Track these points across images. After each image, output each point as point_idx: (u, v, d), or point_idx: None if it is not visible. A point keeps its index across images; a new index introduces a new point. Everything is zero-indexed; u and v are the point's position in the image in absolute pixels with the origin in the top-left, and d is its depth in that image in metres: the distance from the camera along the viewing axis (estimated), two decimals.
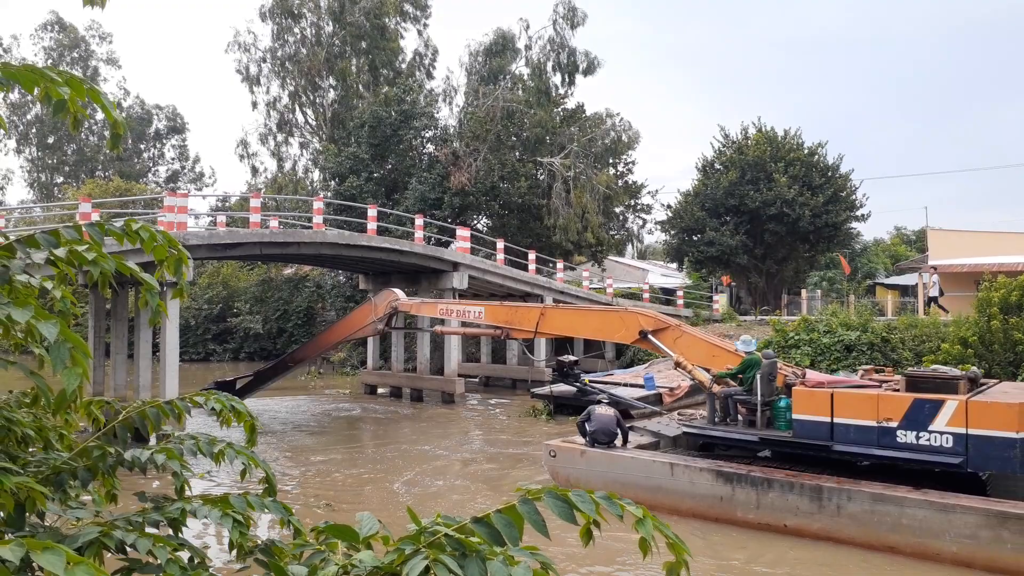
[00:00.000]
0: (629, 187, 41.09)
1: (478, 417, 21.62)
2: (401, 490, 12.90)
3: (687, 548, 1.97)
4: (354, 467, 14.90)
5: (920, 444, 9.42)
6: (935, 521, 8.82)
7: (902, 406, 9.61)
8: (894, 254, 53.87)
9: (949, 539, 8.72)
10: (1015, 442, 8.81)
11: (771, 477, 10.12)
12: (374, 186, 35.79)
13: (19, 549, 1.33)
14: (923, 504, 8.94)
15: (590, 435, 11.86)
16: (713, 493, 10.47)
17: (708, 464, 10.87)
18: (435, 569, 1.66)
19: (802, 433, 10.34)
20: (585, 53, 38.24)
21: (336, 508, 11.60)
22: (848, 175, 36.95)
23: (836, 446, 10.04)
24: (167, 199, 17.92)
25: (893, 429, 9.61)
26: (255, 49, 45.19)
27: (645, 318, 12.92)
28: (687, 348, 12.27)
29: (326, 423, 20.69)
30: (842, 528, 9.41)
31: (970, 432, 9.11)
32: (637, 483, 11.05)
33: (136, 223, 2.93)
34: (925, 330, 22.60)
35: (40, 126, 58.71)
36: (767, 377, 11.13)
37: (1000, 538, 8.42)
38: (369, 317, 17.90)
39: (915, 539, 8.94)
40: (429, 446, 16.90)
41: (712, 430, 11.72)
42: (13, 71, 2.72)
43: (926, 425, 9.40)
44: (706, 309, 34.57)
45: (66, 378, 2.12)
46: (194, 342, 39.86)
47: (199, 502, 2.61)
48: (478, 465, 15.03)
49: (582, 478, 11.62)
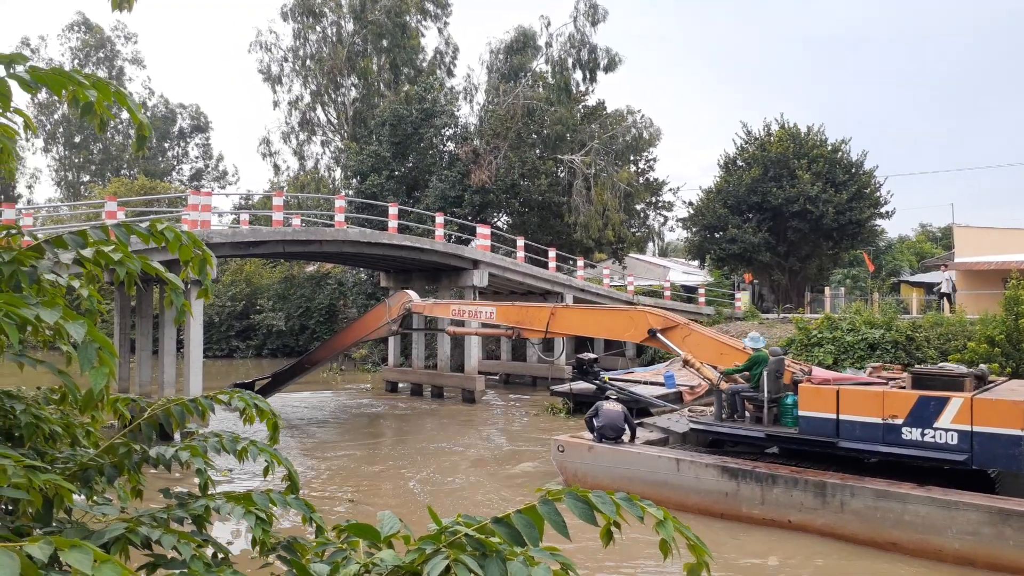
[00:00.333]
0: (650, 184, 40.91)
1: (498, 414, 21.65)
2: (418, 488, 12.96)
3: (708, 550, 1.96)
4: (375, 463, 14.98)
5: (925, 441, 9.47)
6: (938, 518, 8.84)
7: (908, 403, 9.65)
8: (919, 251, 53.18)
9: (951, 536, 8.74)
10: (1021, 439, 8.84)
11: (775, 473, 10.17)
12: (395, 184, 35.93)
13: (47, 547, 1.35)
14: (926, 501, 8.96)
15: (598, 431, 11.97)
16: (718, 489, 10.53)
17: (713, 460, 10.92)
18: (455, 569, 1.67)
19: (808, 430, 10.40)
20: (606, 50, 38.13)
21: (358, 504, 11.67)
22: (872, 172, 36.54)
23: (842, 443, 10.09)
24: (191, 197, 18.11)
25: (899, 426, 9.65)
26: (277, 49, 45.57)
27: (654, 317, 13.04)
28: (696, 346, 12.39)
29: (347, 419, 20.83)
30: (846, 524, 9.46)
31: (975, 429, 9.13)
32: (643, 478, 11.13)
33: (161, 223, 2.96)
34: (951, 328, 22.30)
35: (67, 126, 59.57)
36: (774, 374, 11.18)
37: (1002, 535, 8.43)
38: (383, 318, 18.19)
39: (918, 536, 8.98)
40: (448, 443, 16.95)
41: (719, 426, 11.78)
42: (41, 75, 2.76)
43: (931, 422, 9.44)
44: (728, 307, 34.33)
45: (93, 378, 2.15)
46: (218, 339, 40.27)
47: (223, 499, 2.64)
48: (496, 463, 15.05)
49: (589, 473, 11.75)
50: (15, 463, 1.98)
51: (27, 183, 63.98)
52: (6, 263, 2.57)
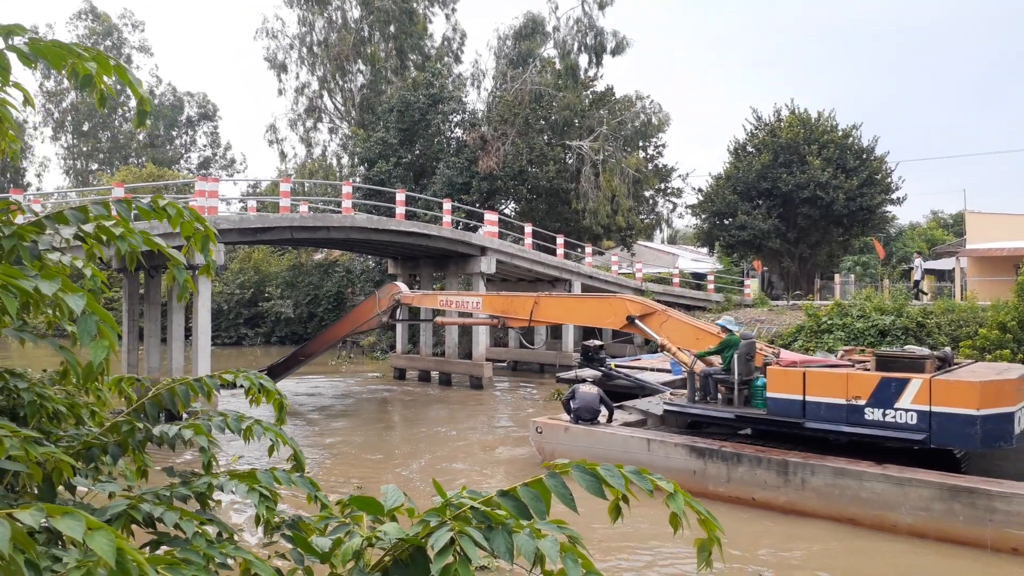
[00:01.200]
0: (659, 170, 40.68)
1: (505, 401, 21.66)
2: (420, 471, 12.98)
3: (719, 524, 1.92)
4: (380, 449, 15.02)
5: (886, 421, 9.74)
6: (892, 494, 9.22)
7: (870, 384, 9.91)
8: (930, 238, 52.79)
9: (905, 511, 9.12)
10: (976, 419, 9.12)
11: (741, 452, 10.53)
12: (402, 171, 35.85)
13: (38, 514, 1.32)
14: (881, 478, 9.32)
15: (574, 412, 12.41)
16: (687, 467, 10.88)
17: (682, 440, 11.33)
18: (460, 541, 1.63)
19: (775, 411, 10.67)
20: (613, 33, 37.84)
21: (364, 490, 11.70)
22: (883, 158, 36.20)
23: (808, 423, 10.36)
24: (198, 184, 18.11)
25: (861, 407, 9.92)
26: (283, 36, 45.45)
27: (632, 304, 13.50)
28: (673, 332, 12.82)
29: (355, 405, 20.87)
30: (806, 501, 9.80)
31: (933, 409, 9.40)
32: (616, 458, 11.25)
33: (163, 199, 2.93)
34: (962, 315, 22.13)
35: (75, 114, 59.69)
36: (744, 357, 11.43)
37: (952, 511, 8.80)
38: (374, 310, 18.51)
39: (873, 511, 9.34)
40: (455, 429, 16.97)
41: (691, 408, 12.08)
42: (41, 47, 2.72)
43: (892, 403, 9.70)
44: (737, 294, 34.18)
45: (93, 350, 2.12)
46: (226, 326, 40.39)
47: (226, 477, 2.61)
48: (503, 447, 15.06)
49: (565, 453, 12.12)
50: (11, 434, 1.94)
51: (36, 171, 64.27)
52: (6, 237, 2.54)
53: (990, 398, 9.19)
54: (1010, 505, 8.53)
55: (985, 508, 8.64)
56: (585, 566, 1.66)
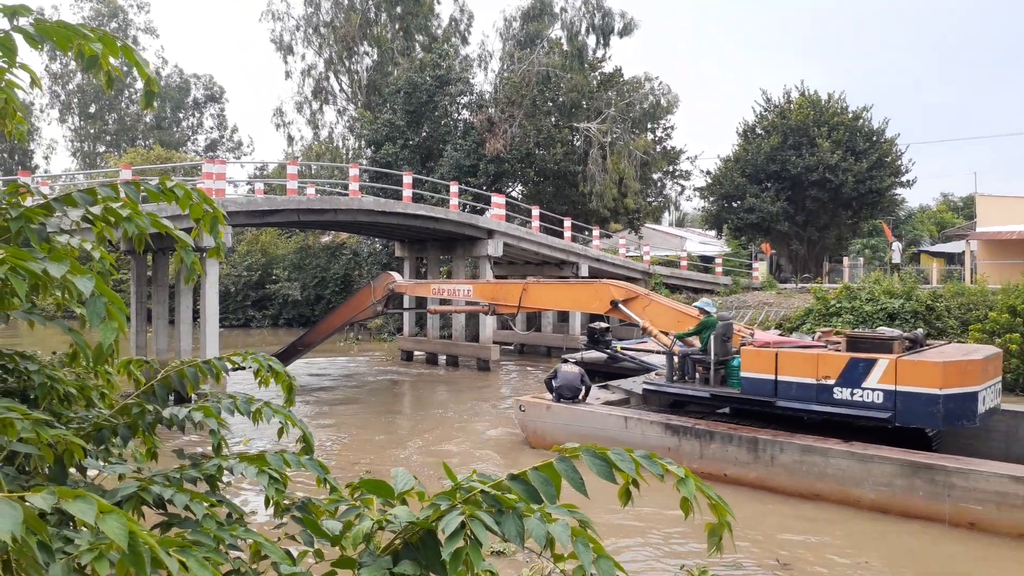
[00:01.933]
0: (667, 153, 40.44)
1: (511, 383, 21.70)
2: (421, 451, 13.04)
3: (730, 509, 1.91)
4: (387, 430, 15.08)
5: (854, 400, 10.01)
6: (856, 470, 9.54)
7: (839, 364, 10.19)
8: (940, 221, 52.44)
9: (868, 487, 9.44)
10: (938, 398, 9.38)
11: (713, 430, 10.87)
12: (409, 153, 35.73)
13: (51, 497, 1.32)
14: (846, 455, 9.64)
15: (556, 391, 12.86)
16: (662, 444, 11.17)
17: (658, 417, 11.73)
18: (471, 525, 1.63)
19: (749, 390, 10.99)
20: (621, 14, 37.50)
21: (373, 474, 11.74)
22: (893, 140, 35.93)
23: (779, 402, 10.65)
24: (206, 166, 18.09)
25: (830, 386, 10.20)
26: (288, 17, 45.17)
27: (616, 288, 13.92)
28: (655, 315, 13.23)
29: (362, 387, 20.95)
30: (775, 477, 10.13)
31: (898, 389, 9.66)
32: (595, 435, 11.78)
33: (171, 180, 2.92)
34: (972, 298, 22.02)
35: (82, 96, 59.62)
36: (721, 338, 11.76)
37: (912, 486, 9.13)
38: (369, 299, 18.88)
39: (838, 487, 9.65)
40: (460, 410, 17.02)
41: (668, 387, 12.42)
42: (47, 28, 2.70)
43: (860, 382, 9.98)
44: (745, 277, 34.07)
45: (103, 332, 2.12)
46: (234, 308, 40.52)
47: (236, 459, 2.62)
48: (505, 428, 15.10)
49: (547, 430, 12.65)
50: (22, 416, 1.95)
51: (43, 154, 64.38)
52: (14, 219, 2.53)
53: (953, 378, 9.43)
54: (967, 481, 8.79)
55: (944, 484, 8.93)
56: (596, 550, 1.65)
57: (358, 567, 1.81)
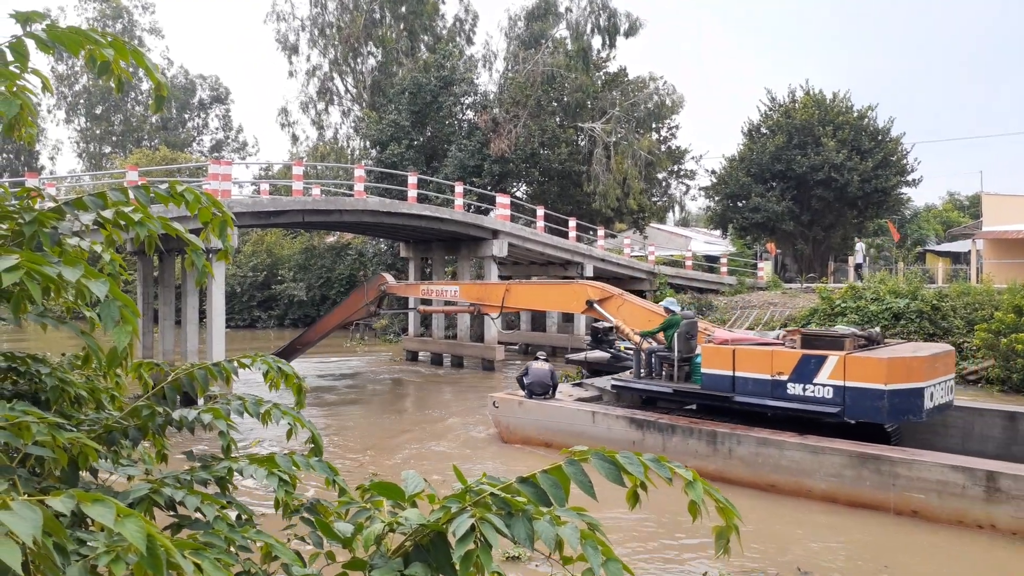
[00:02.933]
0: (672, 152, 40.40)
1: (515, 383, 21.68)
2: (426, 451, 13.07)
3: (737, 512, 1.92)
4: (392, 431, 15.10)
5: (806, 395, 10.34)
6: (808, 462, 9.87)
7: (792, 361, 10.53)
8: (946, 220, 52.30)
9: (820, 478, 9.76)
10: (883, 393, 9.69)
11: (675, 424, 11.26)
12: (414, 153, 35.76)
13: (70, 501, 1.34)
14: (799, 447, 9.97)
15: (527, 387, 13.28)
16: (627, 438, 11.59)
17: (623, 412, 12.12)
18: (481, 528, 1.64)
19: (709, 385, 11.36)
20: (626, 14, 37.47)
21: (379, 474, 11.77)
22: (899, 139, 35.85)
23: (737, 397, 11.02)
24: (211, 167, 18.14)
25: (784, 382, 10.54)
26: (293, 18, 45.23)
27: (592, 289, 14.43)
28: (628, 314, 13.68)
29: (367, 389, 20.99)
30: (733, 469, 10.44)
31: (847, 384, 9.98)
32: (564, 429, 12.39)
33: (180, 184, 2.94)
34: (978, 298, 21.96)
35: (88, 97, 59.79)
36: (684, 335, 12.16)
37: (860, 476, 9.46)
38: (362, 300, 19.49)
39: (792, 478, 9.99)
40: (463, 409, 17.04)
41: (634, 383, 12.88)
42: (59, 33, 2.72)
43: (811, 378, 10.31)
44: (750, 276, 34.03)
45: (117, 335, 2.14)
46: (240, 309, 40.63)
47: (246, 461, 2.64)
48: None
49: (519, 425, 13.14)
50: (38, 420, 1.97)
51: (49, 154, 64.63)
52: (27, 223, 2.56)
53: (898, 374, 9.71)
54: (910, 471, 9.12)
55: (889, 474, 9.26)
56: (605, 553, 1.67)
57: (369, 569, 1.83)
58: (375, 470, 11.90)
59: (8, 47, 2.61)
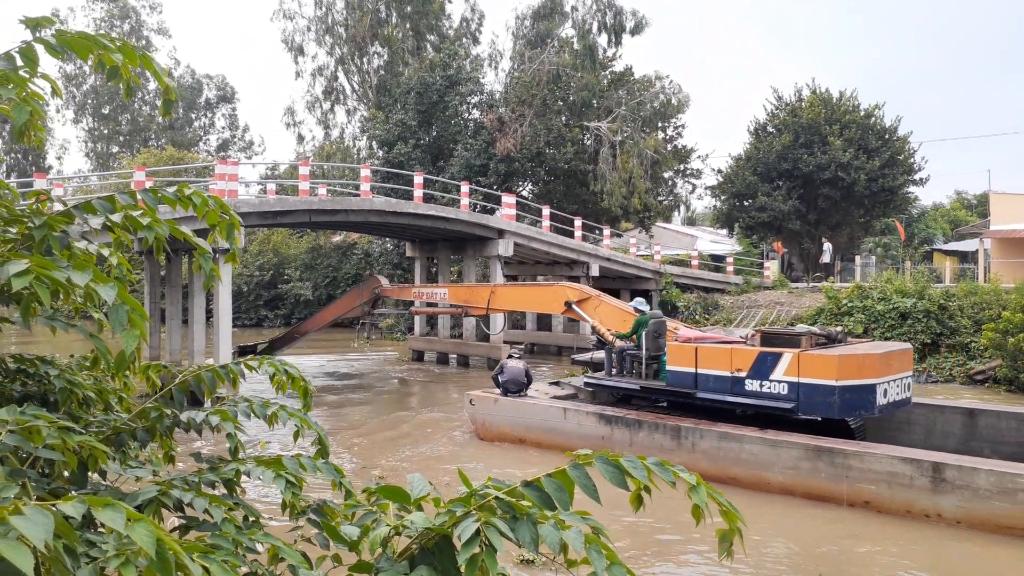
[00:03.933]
0: (678, 151, 40.36)
1: None
2: (429, 451, 13.10)
3: (740, 515, 1.93)
4: (396, 430, 15.13)
5: (763, 391, 10.69)
6: (767, 455, 10.18)
7: (750, 358, 10.86)
8: (953, 219, 52.11)
9: (777, 470, 10.07)
10: (834, 389, 10.00)
11: (642, 419, 11.62)
12: (420, 153, 35.81)
13: (81, 505, 1.36)
14: (758, 440, 10.29)
15: (503, 385, 13.60)
16: (596, 433, 12.03)
17: (593, 409, 12.54)
18: (486, 531, 1.66)
19: (673, 382, 11.79)
20: (632, 12, 37.47)
21: (386, 479, 11.79)
22: (906, 138, 35.71)
23: (699, 393, 11.40)
24: (218, 167, 18.19)
25: (743, 378, 10.90)
26: (299, 17, 45.35)
27: (571, 290, 14.94)
28: (605, 315, 14.07)
29: (375, 387, 21.03)
30: (696, 462, 10.56)
31: (801, 381, 10.30)
32: (537, 425, 12.85)
33: (189, 188, 2.96)
34: (985, 297, 21.88)
35: (95, 97, 60.02)
36: (652, 334, 12.59)
37: (816, 468, 9.75)
38: (356, 301, 20.48)
39: (751, 471, 10.30)
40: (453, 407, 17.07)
41: (605, 380, 13.32)
42: (68, 38, 2.75)
43: (768, 375, 10.64)
44: (757, 276, 33.96)
45: (125, 339, 2.16)
46: (246, 308, 40.75)
47: (253, 463, 2.66)
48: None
49: (495, 422, 13.52)
50: (49, 424, 1.99)
51: (57, 154, 64.86)
52: (37, 227, 2.58)
53: (849, 370, 10.01)
54: (862, 463, 9.40)
55: (842, 466, 9.54)
56: (609, 557, 1.68)
57: (375, 572, 1.84)
58: (374, 472, 11.93)
59: (18, 52, 2.64)
